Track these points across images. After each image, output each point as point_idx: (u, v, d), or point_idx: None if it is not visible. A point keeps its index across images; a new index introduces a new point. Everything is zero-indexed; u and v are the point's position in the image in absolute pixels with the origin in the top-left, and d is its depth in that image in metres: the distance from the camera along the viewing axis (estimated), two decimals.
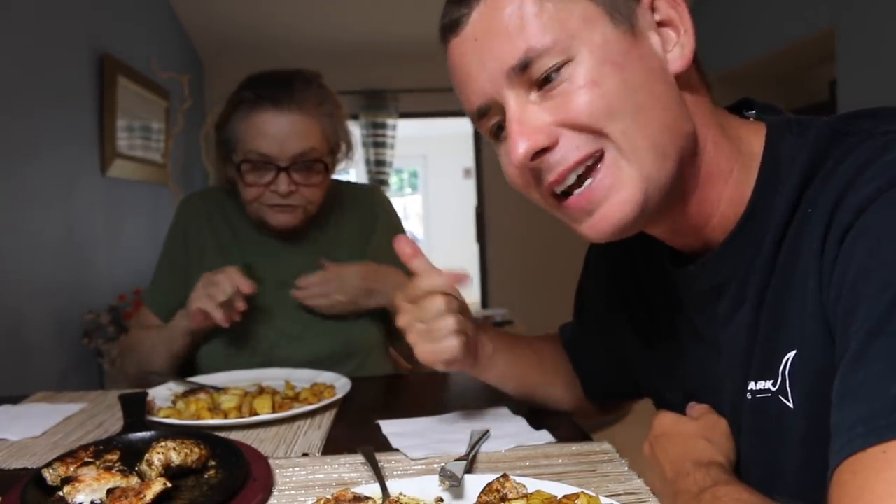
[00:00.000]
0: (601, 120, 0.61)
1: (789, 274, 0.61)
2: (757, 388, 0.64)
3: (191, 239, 1.42)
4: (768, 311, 0.63)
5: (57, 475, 0.73)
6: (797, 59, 3.67)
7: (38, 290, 2.46)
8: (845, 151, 0.57)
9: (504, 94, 0.63)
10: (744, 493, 0.57)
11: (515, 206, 5.21)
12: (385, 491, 0.67)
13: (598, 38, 0.61)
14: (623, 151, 0.61)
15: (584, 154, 0.62)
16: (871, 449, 0.43)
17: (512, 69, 0.62)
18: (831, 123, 0.62)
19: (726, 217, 0.66)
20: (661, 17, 0.64)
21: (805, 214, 0.59)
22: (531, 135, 0.62)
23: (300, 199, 1.31)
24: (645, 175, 0.61)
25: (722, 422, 0.71)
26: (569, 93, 0.61)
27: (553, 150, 0.63)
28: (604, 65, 0.60)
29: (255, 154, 1.27)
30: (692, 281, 0.71)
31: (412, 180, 9.41)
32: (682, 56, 0.63)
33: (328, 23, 4.36)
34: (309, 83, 1.31)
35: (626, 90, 0.60)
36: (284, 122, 1.26)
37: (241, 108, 1.29)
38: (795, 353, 0.60)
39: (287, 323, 1.37)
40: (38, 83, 2.50)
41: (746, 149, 0.66)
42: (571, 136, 0.62)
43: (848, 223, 0.53)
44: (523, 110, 0.63)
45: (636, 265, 0.84)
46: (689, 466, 0.64)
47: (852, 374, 0.48)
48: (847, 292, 0.51)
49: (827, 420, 0.50)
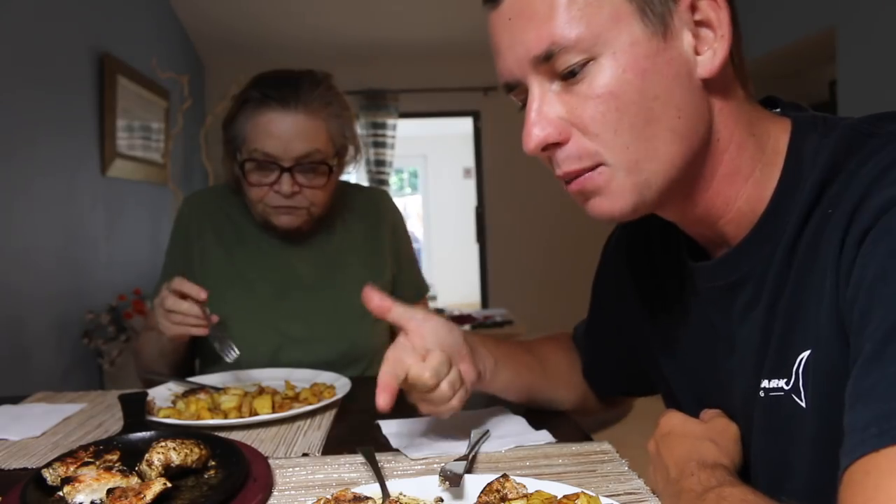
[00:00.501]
0: (608, 132, 0.61)
1: (806, 273, 0.61)
2: (770, 387, 0.64)
3: (193, 238, 1.41)
4: (784, 310, 0.63)
5: (57, 475, 0.73)
6: (797, 59, 3.67)
7: (38, 290, 2.46)
8: (869, 153, 0.57)
9: (528, 79, 0.64)
10: (749, 494, 0.57)
11: (515, 206, 5.22)
12: (385, 491, 0.67)
13: (625, 38, 0.60)
14: (622, 163, 0.62)
15: (585, 165, 0.63)
16: (885, 450, 0.43)
17: (536, 58, 0.62)
18: (856, 124, 0.61)
19: (745, 214, 0.66)
20: (701, 18, 0.62)
21: (825, 214, 0.59)
22: (545, 127, 0.63)
23: (304, 200, 1.29)
24: (641, 181, 0.62)
25: (732, 426, 0.70)
26: (586, 97, 0.61)
27: (562, 147, 0.64)
28: (626, 71, 0.60)
29: (260, 153, 1.26)
30: (710, 276, 0.71)
31: (412, 180, 9.41)
32: (712, 61, 0.62)
33: (328, 23, 4.36)
34: (317, 84, 1.29)
35: (642, 101, 0.60)
36: (289, 122, 1.25)
37: (247, 106, 1.28)
38: (810, 353, 0.60)
39: (292, 327, 1.36)
40: (38, 83, 2.50)
41: (773, 146, 0.66)
42: (578, 139, 0.63)
43: (868, 225, 0.53)
44: (543, 99, 0.63)
45: (654, 258, 0.84)
46: (694, 466, 0.64)
47: (867, 375, 0.48)
48: (864, 294, 0.51)
49: (839, 421, 0.50)
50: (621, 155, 0.62)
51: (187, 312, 1.15)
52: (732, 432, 0.70)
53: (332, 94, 1.32)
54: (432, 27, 4.55)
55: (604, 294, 0.97)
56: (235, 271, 1.38)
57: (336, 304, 1.38)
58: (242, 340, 1.33)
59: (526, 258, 5.22)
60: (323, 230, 1.42)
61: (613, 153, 0.62)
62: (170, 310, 1.15)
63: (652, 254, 0.84)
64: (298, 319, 1.36)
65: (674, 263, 0.79)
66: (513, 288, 5.24)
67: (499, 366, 0.92)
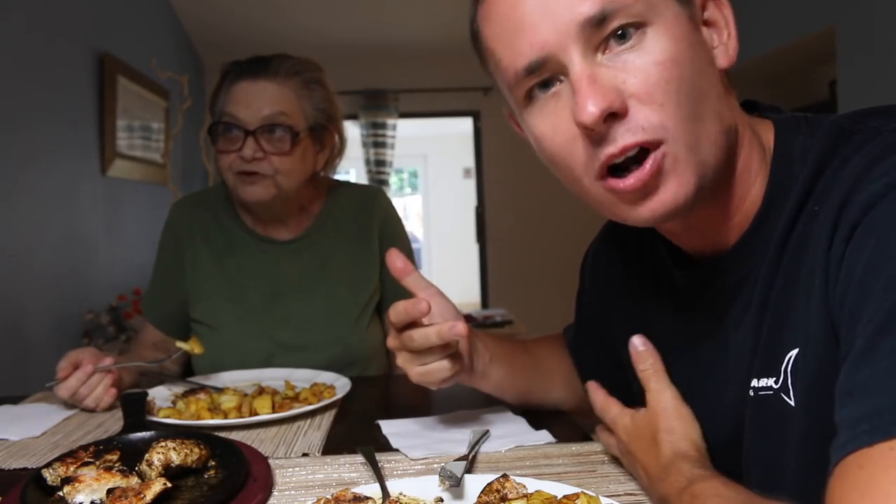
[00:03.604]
0: (672, 103, 0.57)
1: (795, 272, 0.61)
2: (759, 386, 0.64)
3: (183, 246, 1.40)
4: (773, 309, 0.63)
5: (57, 475, 0.73)
6: (797, 58, 3.66)
7: (37, 289, 2.46)
8: (853, 149, 0.57)
9: (569, 51, 0.58)
10: (720, 487, 0.58)
11: (515, 206, 5.22)
12: (385, 491, 0.67)
13: (671, 13, 0.59)
14: (684, 139, 0.59)
15: (648, 138, 0.58)
16: (877, 445, 0.43)
17: (588, 20, 0.57)
18: (839, 122, 0.61)
19: (745, 215, 0.66)
20: (707, 17, 0.63)
21: (812, 212, 0.59)
22: (606, 94, 0.57)
23: (268, 168, 1.28)
24: (702, 160, 0.60)
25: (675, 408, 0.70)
26: (646, 64, 0.57)
27: (623, 119, 0.58)
28: (680, 41, 0.59)
29: (227, 117, 1.28)
30: (704, 283, 0.71)
31: (412, 180, 9.41)
32: (727, 54, 0.63)
33: (328, 23, 4.36)
34: (288, 58, 1.33)
35: (694, 75, 0.59)
36: (256, 88, 1.28)
37: (224, 81, 1.31)
38: (798, 351, 0.59)
39: (285, 333, 1.35)
40: (38, 83, 2.50)
41: (767, 148, 0.66)
42: (640, 110, 0.58)
43: (855, 221, 0.53)
44: (594, 69, 0.58)
45: (632, 272, 0.84)
46: (660, 470, 0.65)
47: (858, 371, 0.48)
48: (854, 290, 0.51)
49: (827, 419, 0.49)
50: (684, 128, 0.58)
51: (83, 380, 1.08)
52: (675, 412, 0.69)
53: (304, 67, 1.33)
54: (432, 27, 4.55)
55: (588, 310, 0.97)
56: (226, 278, 1.37)
57: (328, 308, 1.37)
58: (234, 348, 1.33)
59: (526, 258, 5.22)
60: (315, 232, 1.41)
61: (678, 126, 0.58)
62: (69, 396, 1.09)
63: (630, 266, 0.84)
64: (290, 326, 1.35)
65: (653, 273, 0.79)
66: (513, 288, 5.24)
67: (493, 363, 0.92)
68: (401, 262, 0.85)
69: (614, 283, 0.88)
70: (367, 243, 1.43)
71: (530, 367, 0.98)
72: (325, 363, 1.31)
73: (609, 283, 0.89)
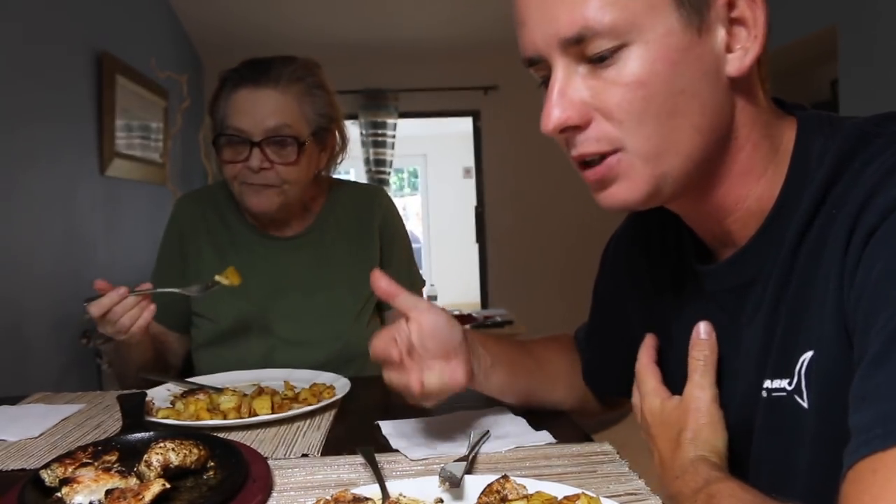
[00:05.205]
0: (633, 120, 0.60)
1: (810, 274, 0.60)
2: (772, 387, 0.64)
3: (186, 241, 1.41)
4: (787, 310, 0.63)
5: (55, 476, 0.72)
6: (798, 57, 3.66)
7: (36, 289, 2.46)
8: (873, 153, 0.57)
9: (553, 58, 0.62)
10: (737, 489, 0.58)
11: (515, 206, 5.22)
12: (385, 492, 0.67)
13: (659, 28, 0.59)
14: (642, 153, 0.61)
15: (604, 149, 0.63)
16: (891, 449, 0.43)
17: (566, 39, 0.60)
18: (861, 124, 0.61)
19: (753, 213, 0.66)
20: (737, 15, 0.61)
21: (829, 215, 0.59)
22: (566, 109, 0.62)
23: (275, 178, 1.28)
24: (659, 173, 0.62)
25: (709, 412, 0.69)
26: (614, 83, 0.60)
27: (583, 130, 0.63)
28: (656, 62, 0.59)
29: (231, 129, 1.27)
30: (719, 279, 0.71)
31: (412, 180, 9.41)
32: (742, 60, 0.61)
33: (328, 23, 4.36)
34: (290, 62, 1.31)
35: (668, 93, 0.60)
36: (259, 97, 1.27)
37: (224, 89, 1.31)
38: (813, 354, 0.59)
39: (285, 328, 1.35)
40: (37, 82, 2.50)
41: (785, 146, 0.66)
42: (600, 124, 0.62)
43: (873, 225, 0.53)
44: (568, 81, 0.62)
45: (654, 262, 0.84)
46: (676, 468, 0.65)
47: (872, 375, 0.48)
48: (869, 295, 0.51)
49: (841, 422, 0.49)
50: (643, 144, 0.61)
51: (117, 300, 1.12)
52: (703, 411, 0.69)
53: (306, 72, 1.32)
54: (432, 27, 4.55)
55: (605, 299, 0.97)
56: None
57: (329, 304, 1.38)
58: (235, 342, 1.33)
59: (526, 258, 5.22)
60: (315, 228, 1.42)
61: (635, 141, 0.61)
62: (107, 321, 1.12)
63: (652, 257, 0.84)
64: (291, 321, 1.36)
65: (676, 266, 0.79)
66: (513, 288, 5.24)
67: (494, 367, 0.91)
68: (384, 282, 0.83)
69: (635, 271, 0.87)
70: (368, 241, 1.44)
71: (532, 368, 0.97)
72: (324, 359, 1.32)
73: (630, 271, 0.88)
